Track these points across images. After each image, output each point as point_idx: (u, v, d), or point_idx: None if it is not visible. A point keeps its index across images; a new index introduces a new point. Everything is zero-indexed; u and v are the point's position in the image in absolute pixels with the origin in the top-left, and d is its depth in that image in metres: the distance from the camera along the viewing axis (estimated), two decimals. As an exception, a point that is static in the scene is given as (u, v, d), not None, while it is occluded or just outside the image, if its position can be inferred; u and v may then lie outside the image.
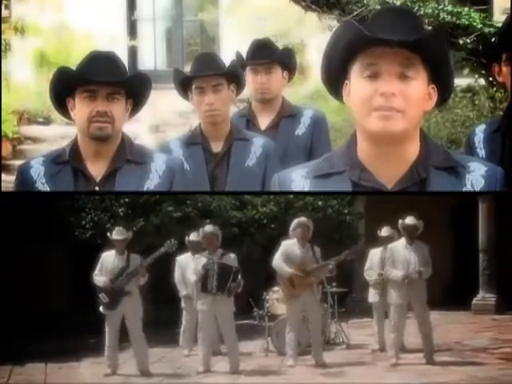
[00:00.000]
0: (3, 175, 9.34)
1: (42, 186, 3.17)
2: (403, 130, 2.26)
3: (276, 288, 7.38)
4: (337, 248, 10.16)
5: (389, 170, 2.33)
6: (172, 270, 7.74)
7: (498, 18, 9.00)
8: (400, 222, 7.05)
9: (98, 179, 3.14)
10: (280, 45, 5.31)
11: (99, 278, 6.65)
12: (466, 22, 7.91)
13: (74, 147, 3.18)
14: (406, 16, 2.32)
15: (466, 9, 8.13)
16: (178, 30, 14.01)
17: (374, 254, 7.71)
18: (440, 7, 7.97)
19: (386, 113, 2.23)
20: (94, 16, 11.84)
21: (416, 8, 7.74)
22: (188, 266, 7.07)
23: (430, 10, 7.89)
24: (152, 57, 13.85)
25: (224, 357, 7.04)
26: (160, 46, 14.16)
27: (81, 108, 3.06)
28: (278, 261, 6.84)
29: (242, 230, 9.24)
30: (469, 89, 9.16)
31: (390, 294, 6.98)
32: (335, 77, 2.39)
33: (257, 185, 4.27)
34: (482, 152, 3.63)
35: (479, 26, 7.85)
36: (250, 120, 4.78)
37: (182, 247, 7.38)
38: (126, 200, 8.50)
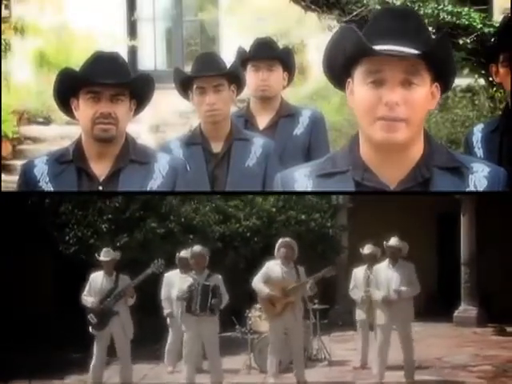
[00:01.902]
0: (3, 175, 9.35)
1: (46, 185, 3.17)
2: (407, 138, 2.26)
3: (258, 305, 7.34)
4: (320, 261, 10.24)
5: (392, 170, 2.32)
6: (158, 287, 7.67)
7: (498, 18, 9.00)
8: (384, 242, 7.05)
9: (101, 179, 3.15)
10: (280, 45, 5.33)
11: (88, 298, 6.66)
12: (466, 22, 7.91)
13: (78, 147, 3.18)
14: (407, 17, 2.29)
15: (466, 9, 8.13)
16: (178, 30, 14.02)
17: (358, 273, 7.68)
18: (440, 7, 7.98)
19: (390, 123, 2.22)
20: (94, 16, 11.85)
21: (416, 8, 7.74)
22: (175, 285, 7.05)
23: (429, 10, 7.90)
24: (152, 57, 13.85)
25: (207, 374, 6.95)
26: (160, 46, 14.16)
27: (85, 109, 3.06)
28: (256, 281, 6.84)
29: (226, 243, 9.24)
30: (469, 89, 9.17)
31: (375, 313, 6.98)
32: (338, 75, 2.37)
33: (257, 185, 4.27)
34: (480, 152, 3.64)
35: (479, 26, 7.85)
36: (248, 120, 4.78)
37: (168, 263, 7.33)
38: (110, 216, 8.50)
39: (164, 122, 11.61)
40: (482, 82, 8.93)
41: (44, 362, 7.68)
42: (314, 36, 10.34)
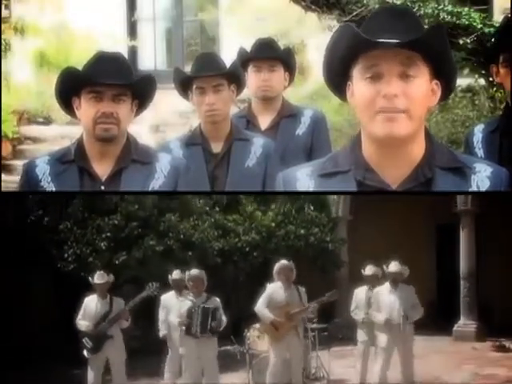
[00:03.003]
0: (3, 175, 9.35)
1: (48, 185, 3.17)
2: (409, 132, 2.26)
3: (257, 325, 7.31)
4: (320, 275, 10.26)
5: (394, 170, 2.32)
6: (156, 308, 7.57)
7: (498, 18, 9.00)
8: (384, 266, 7.06)
9: (103, 179, 3.15)
10: (280, 45, 5.33)
11: (82, 322, 6.65)
12: (466, 22, 7.91)
13: (80, 146, 3.18)
14: (404, 15, 2.31)
15: (466, 9, 8.12)
16: (178, 29, 14.03)
17: (359, 294, 7.65)
18: (440, 7, 7.98)
19: (390, 115, 2.22)
20: (94, 16, 11.86)
21: (416, 8, 7.74)
22: (172, 307, 7.02)
23: (429, 10, 7.89)
24: (152, 57, 13.87)
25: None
26: (160, 46, 14.17)
27: (87, 108, 3.06)
28: (260, 306, 6.76)
29: (225, 258, 9.24)
30: (469, 89, 9.16)
31: (376, 335, 7.00)
32: (338, 79, 2.38)
33: (257, 185, 4.27)
34: (480, 152, 3.65)
35: (479, 26, 7.85)
36: (249, 120, 4.78)
37: (167, 282, 7.30)
38: (108, 234, 8.51)
39: (164, 122, 11.61)
40: (482, 82, 8.93)
41: (43, 378, 7.65)
42: (314, 36, 10.34)
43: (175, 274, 7.28)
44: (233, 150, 4.25)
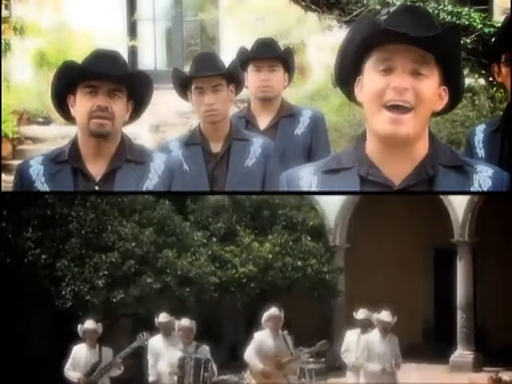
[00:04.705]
0: (3, 175, 9.35)
1: (42, 185, 3.17)
2: (413, 132, 2.28)
3: (251, 368, 7.30)
4: (316, 305, 10.28)
5: (397, 167, 2.34)
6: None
7: (498, 18, 9.01)
8: (374, 315, 7.11)
9: (97, 178, 3.15)
10: (280, 45, 5.33)
11: (72, 373, 6.56)
12: (466, 22, 7.90)
13: (74, 146, 3.18)
14: (423, 16, 2.35)
15: (466, 9, 8.12)
16: (178, 29, 14.03)
17: (350, 337, 7.66)
18: (440, 7, 7.97)
19: (396, 116, 2.24)
20: (94, 16, 11.85)
21: (416, 8, 7.72)
22: (161, 353, 6.88)
23: (429, 10, 7.89)
24: (152, 57, 13.87)
25: None
26: (160, 46, 14.18)
27: (82, 103, 3.06)
28: (249, 355, 6.70)
29: (222, 289, 9.28)
30: (469, 89, 9.15)
31: (366, 381, 7.13)
32: (348, 72, 2.41)
33: (256, 185, 4.27)
34: (481, 152, 3.64)
35: (479, 26, 7.84)
36: (249, 121, 4.78)
37: None
38: (106, 272, 8.56)
39: (164, 122, 11.62)
40: (482, 82, 8.93)
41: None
42: (314, 36, 10.34)
43: (162, 317, 7.07)
44: (232, 150, 4.24)
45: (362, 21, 2.36)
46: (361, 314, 7.52)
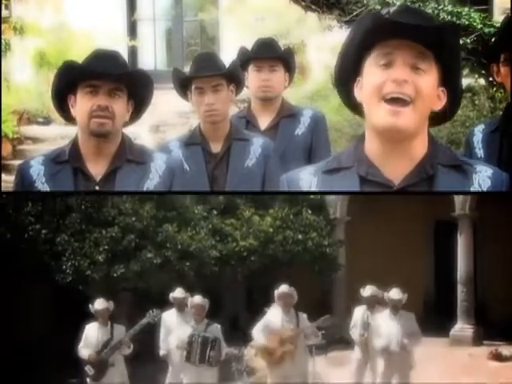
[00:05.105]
0: (3, 175, 9.36)
1: (42, 185, 3.17)
2: (412, 125, 2.30)
3: (254, 343, 7.28)
4: (317, 279, 10.28)
5: (396, 166, 2.36)
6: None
7: (498, 18, 9.01)
8: (385, 294, 7.08)
9: (98, 179, 3.15)
10: (280, 45, 5.33)
11: (84, 350, 6.64)
12: (466, 22, 7.91)
13: (74, 146, 3.18)
14: (422, 15, 2.38)
15: (466, 9, 8.13)
16: (178, 29, 14.03)
17: (357, 313, 7.66)
18: (440, 7, 7.97)
19: (395, 108, 2.26)
20: (94, 16, 11.85)
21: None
22: (173, 328, 6.99)
23: (429, 10, 7.88)
24: (152, 57, 13.87)
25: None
26: (160, 46, 14.18)
27: (82, 103, 3.07)
28: (256, 330, 6.75)
29: (222, 262, 9.26)
30: (469, 89, 9.15)
31: (373, 359, 7.09)
32: (349, 72, 2.43)
33: (256, 185, 4.27)
34: (480, 152, 3.65)
35: (479, 26, 7.85)
36: (249, 121, 4.77)
37: (165, 293, 7.30)
38: (106, 247, 8.55)
39: (164, 122, 11.62)
40: (482, 81, 8.93)
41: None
42: (314, 36, 10.34)
43: (177, 293, 7.21)
44: (232, 150, 4.24)
45: (365, 16, 2.40)
46: (367, 290, 7.53)
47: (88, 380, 6.62)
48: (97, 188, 3.16)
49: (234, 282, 9.97)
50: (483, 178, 2.38)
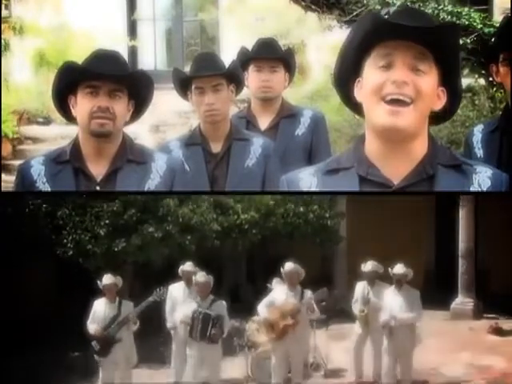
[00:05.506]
0: (3, 175, 9.36)
1: (43, 185, 3.17)
2: (412, 126, 2.30)
3: (256, 317, 7.30)
4: (319, 251, 10.33)
5: (396, 166, 2.36)
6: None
7: (498, 18, 9.00)
8: (389, 269, 7.08)
9: (98, 179, 3.15)
10: (280, 45, 5.33)
11: (91, 326, 6.68)
12: (466, 22, 7.90)
13: (75, 146, 3.19)
14: (422, 15, 2.38)
15: (466, 9, 8.12)
16: (178, 29, 14.03)
17: (358, 288, 7.69)
18: (440, 7, 7.97)
19: (395, 108, 2.26)
20: (94, 16, 11.85)
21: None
22: (179, 302, 7.06)
23: (429, 10, 7.88)
24: (152, 57, 13.86)
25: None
26: (160, 46, 14.17)
27: (83, 104, 3.07)
28: (261, 305, 6.82)
29: (224, 235, 9.25)
30: (469, 89, 9.14)
31: (374, 334, 7.21)
32: (349, 72, 2.43)
33: (256, 185, 4.27)
34: (480, 152, 3.65)
35: (479, 26, 7.84)
36: (249, 121, 4.78)
37: (167, 266, 7.28)
38: (107, 221, 8.53)
39: (164, 122, 11.61)
40: (482, 81, 8.92)
41: (44, 362, 7.65)
42: (314, 36, 10.34)
43: (187, 266, 7.28)
44: (232, 150, 4.25)
45: (365, 17, 2.40)
46: (368, 266, 7.54)
47: (95, 355, 6.65)
48: (98, 188, 3.16)
49: (234, 253, 9.94)
50: (483, 178, 2.39)
